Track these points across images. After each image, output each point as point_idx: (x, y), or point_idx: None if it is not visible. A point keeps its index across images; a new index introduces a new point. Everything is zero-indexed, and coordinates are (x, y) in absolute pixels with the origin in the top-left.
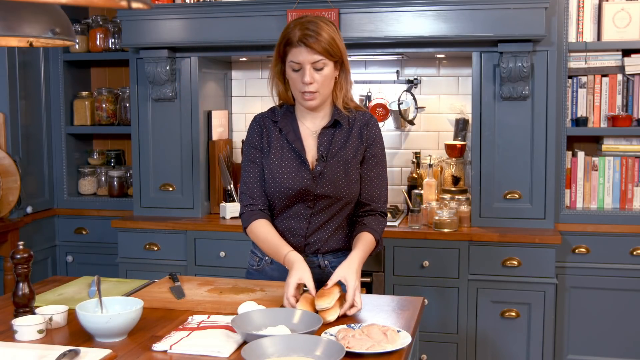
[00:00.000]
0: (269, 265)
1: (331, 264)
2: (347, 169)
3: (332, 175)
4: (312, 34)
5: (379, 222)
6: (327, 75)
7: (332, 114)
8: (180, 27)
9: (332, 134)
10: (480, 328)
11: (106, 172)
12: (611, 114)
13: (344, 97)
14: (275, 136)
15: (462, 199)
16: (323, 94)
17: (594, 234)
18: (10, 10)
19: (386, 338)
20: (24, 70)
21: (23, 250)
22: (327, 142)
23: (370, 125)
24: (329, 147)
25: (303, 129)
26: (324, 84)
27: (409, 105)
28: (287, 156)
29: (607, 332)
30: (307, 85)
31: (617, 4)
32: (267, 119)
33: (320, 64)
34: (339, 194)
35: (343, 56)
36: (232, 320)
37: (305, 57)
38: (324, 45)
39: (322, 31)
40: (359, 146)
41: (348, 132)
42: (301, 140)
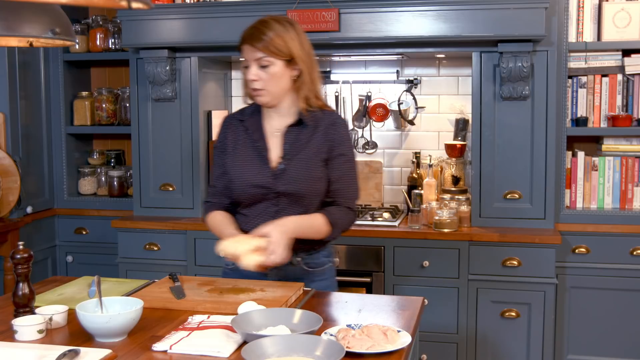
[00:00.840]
0: None
1: (304, 261)
2: (309, 167)
3: (294, 173)
4: (257, 33)
5: (340, 211)
6: (274, 74)
7: (298, 113)
8: (180, 27)
9: (297, 133)
10: (480, 328)
11: (106, 172)
12: (611, 114)
13: (306, 98)
14: (241, 135)
15: (462, 199)
16: (272, 92)
17: (594, 234)
18: (10, 10)
19: (386, 338)
20: (24, 70)
21: (23, 250)
22: (291, 140)
23: (337, 126)
24: (294, 146)
25: (268, 128)
26: (271, 81)
27: (409, 105)
28: (250, 154)
29: (607, 332)
30: (252, 82)
31: (617, 4)
32: (234, 119)
33: (264, 62)
34: (300, 191)
35: (296, 56)
36: (232, 320)
37: (250, 54)
38: (266, 44)
39: (270, 30)
40: (322, 145)
41: (312, 132)
42: (265, 139)
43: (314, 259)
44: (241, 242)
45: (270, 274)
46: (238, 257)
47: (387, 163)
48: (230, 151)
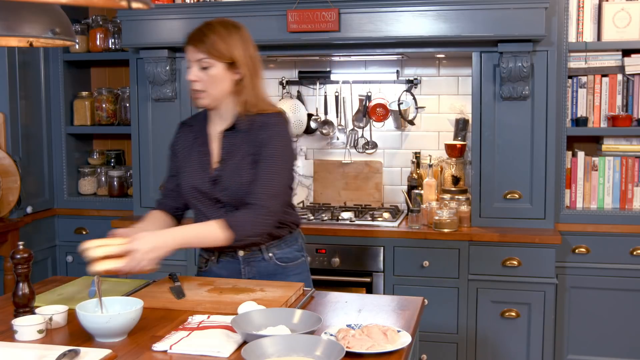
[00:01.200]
0: (215, 265)
1: (276, 256)
2: (239, 172)
3: (226, 180)
4: (200, 35)
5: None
6: (215, 76)
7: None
8: (180, 27)
9: (232, 138)
10: (480, 328)
11: (106, 172)
12: (611, 114)
13: (245, 102)
14: (190, 140)
15: (462, 199)
16: (212, 94)
17: (594, 234)
18: (10, 10)
19: (386, 338)
20: (24, 70)
21: (23, 250)
22: (227, 145)
23: (266, 127)
24: (228, 151)
25: (212, 132)
26: (211, 83)
27: (409, 105)
28: (194, 159)
29: (607, 332)
30: (192, 83)
31: (617, 4)
32: (185, 125)
33: (204, 63)
34: (233, 196)
35: (238, 60)
36: (232, 320)
37: (191, 55)
38: (207, 46)
39: (213, 33)
40: (250, 148)
41: (247, 136)
42: (207, 144)
43: (286, 253)
44: (104, 244)
45: (243, 272)
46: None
47: (387, 163)
48: (179, 158)
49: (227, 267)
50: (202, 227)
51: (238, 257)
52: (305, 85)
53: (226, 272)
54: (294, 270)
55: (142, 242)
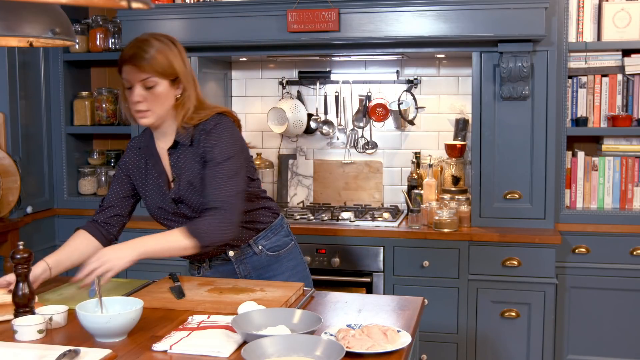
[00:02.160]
0: (208, 271)
1: (266, 247)
2: (195, 186)
3: (186, 197)
4: (141, 53)
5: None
6: (160, 94)
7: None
8: (180, 27)
9: (178, 154)
10: (480, 328)
11: (106, 172)
12: (611, 114)
13: (186, 115)
14: (142, 161)
15: (462, 199)
16: (157, 113)
17: (594, 234)
18: (10, 10)
19: (386, 338)
20: (24, 70)
21: (23, 250)
22: (175, 162)
23: (206, 132)
24: (177, 167)
25: (159, 150)
26: (157, 102)
27: (409, 105)
28: (150, 181)
29: (607, 332)
30: (136, 103)
31: (617, 4)
32: (134, 148)
33: (149, 82)
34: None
35: (180, 75)
36: (232, 320)
37: (134, 75)
38: (152, 64)
39: (153, 50)
40: (198, 159)
41: (192, 148)
42: (160, 164)
43: (274, 242)
44: None
45: (238, 271)
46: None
47: (387, 163)
48: (137, 182)
49: (221, 270)
50: (166, 236)
51: (230, 258)
52: (305, 85)
53: (220, 274)
54: (287, 257)
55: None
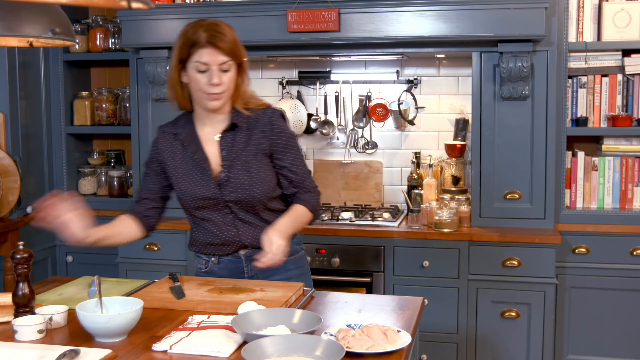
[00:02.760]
0: (216, 266)
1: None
2: (250, 171)
3: (238, 180)
4: (221, 36)
5: (311, 196)
6: (232, 77)
7: (232, 116)
8: (180, 27)
9: (232, 137)
10: (480, 328)
11: (106, 172)
12: (611, 114)
13: (242, 100)
14: (178, 150)
15: (462, 199)
16: (227, 96)
17: (594, 234)
18: (10, 10)
19: (386, 338)
20: (24, 70)
21: (23, 250)
22: (228, 145)
23: (273, 121)
24: (231, 151)
25: (203, 136)
26: (230, 85)
27: (409, 105)
28: (190, 168)
29: (607, 332)
30: (214, 86)
31: (617, 4)
32: (167, 135)
33: (226, 66)
34: (248, 196)
35: (243, 59)
36: (232, 320)
37: (213, 58)
38: (230, 46)
39: (227, 33)
40: (261, 145)
41: (248, 134)
42: (202, 150)
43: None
44: None
45: (246, 270)
46: None
47: (387, 163)
48: (171, 168)
49: (229, 266)
50: (298, 212)
51: (240, 256)
52: (305, 85)
53: (228, 272)
54: (295, 264)
55: (276, 238)
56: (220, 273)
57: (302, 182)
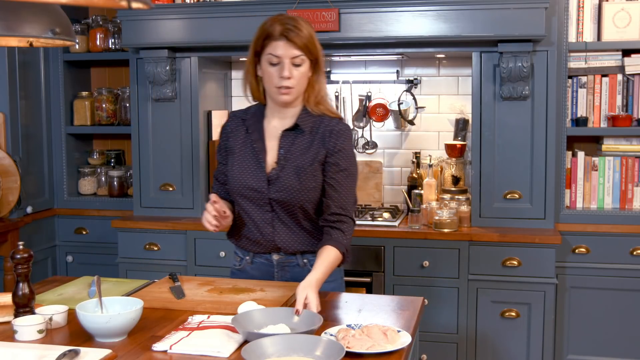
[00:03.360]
0: (249, 265)
1: (310, 262)
2: (301, 176)
3: (286, 181)
4: (293, 29)
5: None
6: (304, 73)
7: (299, 116)
8: (180, 27)
9: (293, 138)
10: (480, 328)
11: (106, 172)
12: (611, 114)
13: (315, 99)
14: (242, 134)
15: (462, 199)
16: (298, 91)
17: (594, 234)
18: (10, 10)
19: (386, 338)
20: (24, 70)
21: (23, 250)
22: (287, 145)
23: (335, 133)
24: (289, 151)
25: (269, 129)
26: (301, 80)
27: (409, 105)
28: (247, 155)
29: (607, 332)
30: (285, 79)
31: (617, 4)
32: (237, 118)
33: (298, 60)
34: (292, 199)
35: (319, 57)
36: (233, 319)
37: (286, 51)
38: (304, 41)
39: (303, 28)
40: (318, 154)
41: (310, 139)
42: (263, 141)
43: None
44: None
45: (276, 276)
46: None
47: (387, 163)
48: (231, 151)
49: (261, 268)
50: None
51: (272, 261)
52: None
53: (259, 273)
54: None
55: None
56: (252, 273)
57: (343, 209)
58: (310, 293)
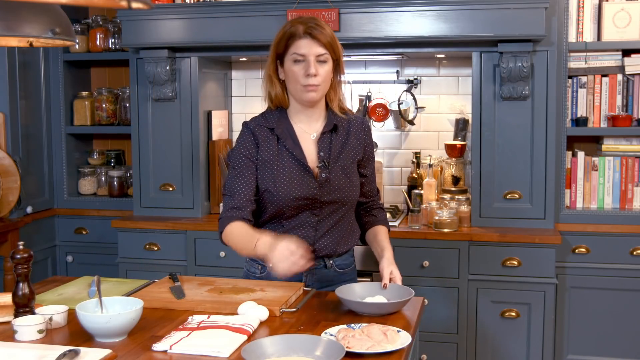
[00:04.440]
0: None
1: (336, 263)
2: (348, 174)
3: (337, 182)
4: (317, 27)
5: (384, 215)
6: (328, 72)
7: (329, 117)
8: (180, 27)
9: (330, 139)
10: (480, 328)
11: (106, 172)
12: (611, 114)
13: (338, 100)
14: (272, 144)
15: (462, 199)
16: (323, 89)
17: (594, 234)
18: (10, 10)
19: (386, 338)
20: (24, 70)
21: (23, 250)
22: (326, 147)
23: (367, 130)
24: (329, 153)
25: (300, 133)
26: (326, 78)
27: (409, 105)
28: (289, 165)
29: (607, 332)
30: (311, 77)
31: (617, 4)
32: (261, 128)
33: (324, 58)
34: (343, 199)
35: (340, 57)
36: (337, 290)
37: (311, 49)
38: (328, 39)
39: (325, 27)
40: (358, 151)
41: (346, 137)
42: (300, 147)
43: (343, 259)
44: None
45: (305, 279)
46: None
47: (387, 163)
48: (266, 164)
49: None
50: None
51: None
52: None
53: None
54: (349, 276)
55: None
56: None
57: (375, 195)
58: (394, 269)
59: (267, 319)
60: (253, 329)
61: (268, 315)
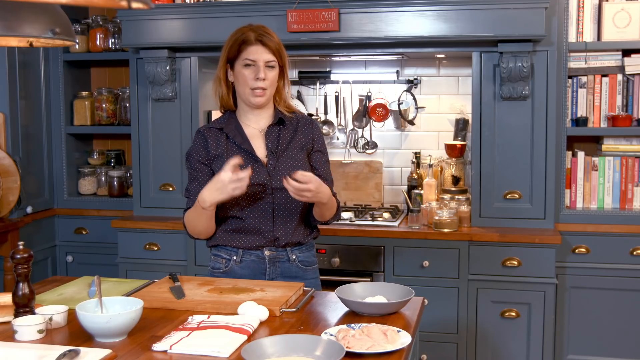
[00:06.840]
0: (237, 265)
1: (299, 258)
2: (296, 162)
3: (285, 168)
4: (267, 35)
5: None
6: (274, 78)
7: (276, 114)
8: (180, 27)
9: (278, 132)
10: (480, 328)
11: (106, 172)
12: (611, 114)
13: (284, 102)
14: (222, 141)
15: (462, 199)
16: (270, 93)
17: (594, 234)
18: (10, 10)
19: (386, 338)
20: (24, 70)
21: (23, 250)
22: (274, 139)
23: (314, 125)
24: (277, 143)
25: (248, 130)
26: (273, 83)
27: (409, 105)
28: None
29: (607, 332)
30: (260, 81)
31: (617, 4)
32: (211, 129)
33: (272, 64)
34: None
35: (286, 64)
36: (337, 290)
37: (261, 55)
38: (276, 46)
39: (274, 35)
40: (305, 142)
41: (294, 131)
42: (248, 141)
43: (307, 257)
44: None
45: (268, 272)
46: None
47: (387, 163)
48: (217, 158)
49: (251, 266)
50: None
51: (264, 257)
52: (305, 85)
53: (249, 271)
54: (311, 274)
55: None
56: (241, 273)
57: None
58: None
59: (267, 319)
60: (253, 329)
61: (268, 315)
